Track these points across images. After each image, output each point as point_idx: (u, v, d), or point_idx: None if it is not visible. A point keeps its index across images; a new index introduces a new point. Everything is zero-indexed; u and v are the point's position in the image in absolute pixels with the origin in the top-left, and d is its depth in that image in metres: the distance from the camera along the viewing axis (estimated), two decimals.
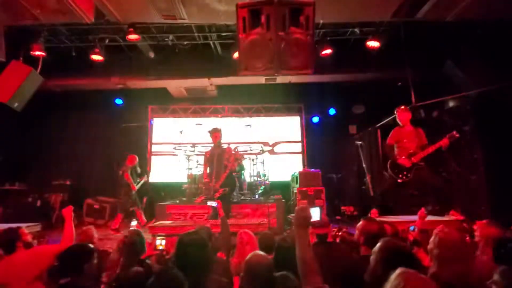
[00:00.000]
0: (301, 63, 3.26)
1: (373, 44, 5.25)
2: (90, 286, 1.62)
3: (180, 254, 1.82)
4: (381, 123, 6.70)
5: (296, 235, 1.52)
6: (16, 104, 4.78)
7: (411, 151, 4.27)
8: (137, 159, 6.45)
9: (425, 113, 6.47)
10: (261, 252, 1.87)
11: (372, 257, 1.72)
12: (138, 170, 6.47)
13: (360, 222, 2.29)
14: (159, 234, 2.37)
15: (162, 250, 2.25)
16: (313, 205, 5.67)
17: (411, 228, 3.08)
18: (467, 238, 2.34)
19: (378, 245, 1.74)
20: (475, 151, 5.42)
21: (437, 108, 6.24)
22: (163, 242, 2.27)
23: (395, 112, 4.55)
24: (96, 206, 7.10)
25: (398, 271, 1.19)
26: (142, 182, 6.42)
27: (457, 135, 4.05)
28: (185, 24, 5.36)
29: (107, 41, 5.70)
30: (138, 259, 2.13)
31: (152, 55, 6.24)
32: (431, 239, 2.00)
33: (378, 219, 4.13)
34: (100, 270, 2.19)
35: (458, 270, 1.73)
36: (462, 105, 5.76)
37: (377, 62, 5.97)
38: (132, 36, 5.15)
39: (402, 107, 4.51)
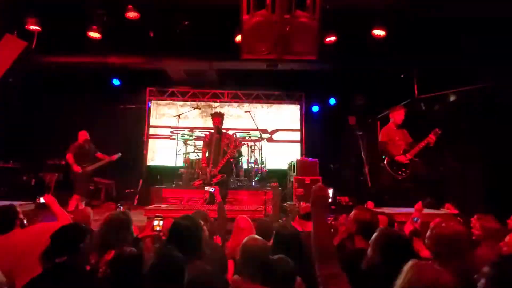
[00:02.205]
0: (306, 48, 3.16)
1: (378, 32, 5.13)
2: (84, 266, 1.60)
3: (173, 236, 1.82)
4: (381, 114, 6.66)
5: (313, 215, 1.45)
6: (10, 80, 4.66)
7: (404, 148, 4.50)
8: (86, 135, 5.56)
9: (426, 106, 6.45)
10: (257, 236, 1.85)
11: (369, 248, 1.70)
12: (92, 147, 5.59)
13: (353, 211, 2.28)
14: (157, 215, 2.34)
15: (159, 231, 2.24)
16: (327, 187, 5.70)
17: (415, 219, 3.10)
18: (466, 231, 2.33)
19: (375, 234, 1.72)
20: (473, 146, 5.42)
21: (439, 101, 6.20)
22: (161, 223, 2.26)
23: (397, 110, 4.66)
24: (91, 187, 7.06)
25: (410, 262, 1.14)
26: (104, 161, 5.54)
27: (440, 131, 4.34)
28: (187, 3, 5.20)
29: (105, 18, 5.51)
30: (134, 238, 2.11)
31: (151, 34, 6.06)
32: (427, 234, 1.98)
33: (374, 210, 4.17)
34: (92, 250, 2.18)
35: (458, 265, 1.72)
36: (464, 99, 5.71)
37: (381, 52, 5.86)
38: (131, 14, 4.98)
39: (402, 107, 4.73)
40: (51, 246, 1.52)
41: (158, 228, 2.27)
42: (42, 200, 2.70)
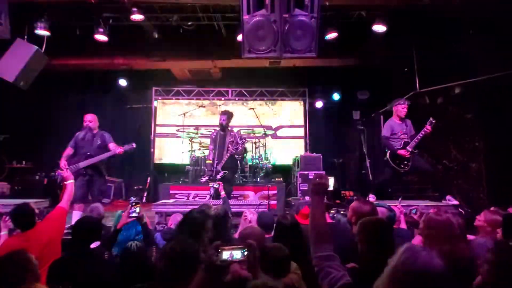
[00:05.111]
0: (305, 46, 3.26)
1: (379, 28, 5.17)
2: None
3: (184, 225, 1.96)
4: (385, 108, 6.69)
5: (312, 202, 1.55)
6: (22, 83, 4.82)
7: (405, 140, 4.52)
8: (88, 120, 4.45)
9: (429, 100, 6.46)
10: (255, 226, 1.97)
11: (358, 244, 1.68)
12: (99, 137, 4.45)
13: (354, 203, 2.36)
14: (134, 201, 2.37)
15: (136, 217, 2.29)
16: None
17: (413, 211, 3.19)
18: (460, 220, 2.41)
19: (357, 227, 1.73)
20: (476, 139, 5.44)
21: (441, 95, 6.21)
22: (137, 209, 2.30)
23: (400, 103, 4.63)
24: None
25: (405, 245, 1.17)
26: (104, 156, 4.35)
27: (434, 121, 4.38)
28: (189, 4, 5.30)
29: (111, 21, 5.66)
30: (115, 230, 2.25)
31: (156, 35, 6.20)
32: (421, 220, 2.07)
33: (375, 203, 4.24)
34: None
35: (445, 249, 1.80)
36: (467, 92, 5.71)
37: (382, 46, 5.89)
38: (136, 16, 5.11)
39: (405, 100, 4.70)
40: (81, 234, 1.70)
41: (134, 214, 2.29)
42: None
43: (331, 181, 2.58)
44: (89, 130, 4.44)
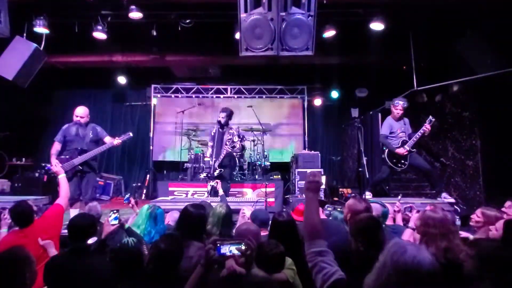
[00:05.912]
0: (302, 44, 3.28)
1: (377, 26, 5.17)
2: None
3: (182, 220, 2.00)
4: (383, 106, 6.71)
5: (306, 198, 1.58)
6: (21, 81, 4.85)
7: (403, 139, 4.51)
8: (78, 113, 4.24)
9: (427, 98, 6.48)
10: (251, 222, 2.00)
11: (352, 242, 1.70)
12: (89, 130, 4.28)
13: (349, 200, 2.38)
14: (114, 208, 2.30)
15: (118, 225, 2.25)
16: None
17: (408, 209, 3.22)
18: (454, 217, 2.44)
19: (349, 224, 1.77)
20: (473, 137, 5.47)
21: (439, 93, 6.23)
22: (117, 216, 2.25)
23: (395, 103, 4.59)
24: (101, 183, 7.30)
25: (393, 240, 1.22)
26: (99, 150, 4.18)
27: (434, 119, 4.34)
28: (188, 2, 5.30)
29: (109, 18, 5.66)
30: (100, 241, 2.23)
31: (154, 33, 6.20)
32: (417, 217, 2.10)
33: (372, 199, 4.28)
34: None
35: (442, 246, 1.84)
36: (464, 90, 5.74)
37: (381, 44, 5.89)
38: (135, 14, 5.10)
39: (400, 100, 4.63)
40: (76, 232, 1.74)
41: (114, 222, 2.25)
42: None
43: (323, 179, 2.60)
44: (79, 126, 4.21)
